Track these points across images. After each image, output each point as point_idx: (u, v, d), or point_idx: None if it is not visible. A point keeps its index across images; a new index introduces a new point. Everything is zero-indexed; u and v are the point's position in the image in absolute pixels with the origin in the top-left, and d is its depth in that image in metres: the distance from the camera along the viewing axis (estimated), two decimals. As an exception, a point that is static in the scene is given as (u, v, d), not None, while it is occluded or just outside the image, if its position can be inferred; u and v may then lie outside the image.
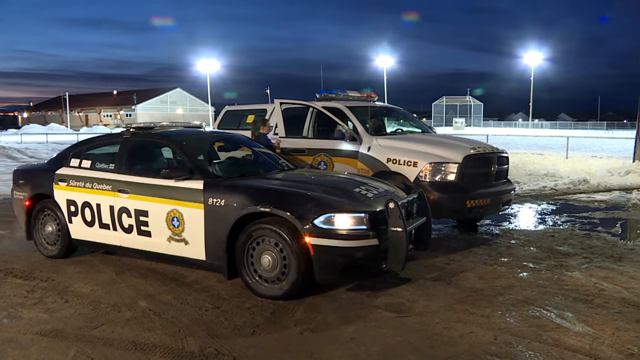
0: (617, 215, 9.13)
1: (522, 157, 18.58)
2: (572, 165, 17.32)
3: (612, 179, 13.58)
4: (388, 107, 9.99)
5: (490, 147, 7.65)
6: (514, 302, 4.70)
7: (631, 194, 11.40)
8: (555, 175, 14.56)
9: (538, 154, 22.82)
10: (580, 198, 11.05)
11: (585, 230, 7.77)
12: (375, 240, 4.66)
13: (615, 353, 3.73)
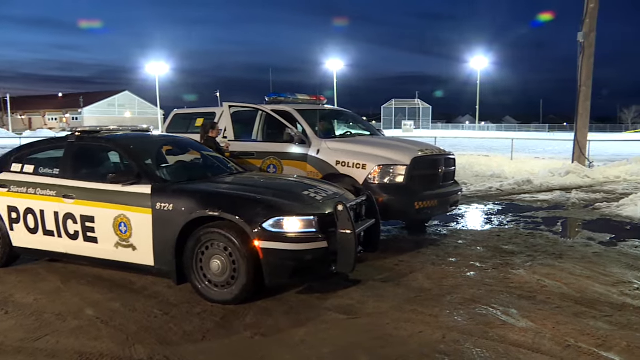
0: (558, 214, 9.49)
1: (469, 159, 19.04)
2: (516, 167, 17.88)
3: (553, 179, 14.10)
4: (337, 110, 10.08)
5: (437, 149, 7.82)
6: (462, 301, 4.83)
7: (571, 194, 11.87)
8: (500, 176, 14.99)
9: (484, 155, 23.46)
10: (524, 198, 11.42)
11: (529, 229, 8.04)
12: (324, 243, 4.71)
13: (555, 346, 3.89)
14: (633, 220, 8.86)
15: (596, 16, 16.06)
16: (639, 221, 8.79)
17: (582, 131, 16.62)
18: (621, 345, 3.91)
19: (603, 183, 14.20)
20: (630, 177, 15.13)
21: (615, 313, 4.54)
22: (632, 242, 7.22)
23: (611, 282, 5.39)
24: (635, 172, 15.52)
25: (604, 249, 6.85)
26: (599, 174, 15.22)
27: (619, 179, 14.98)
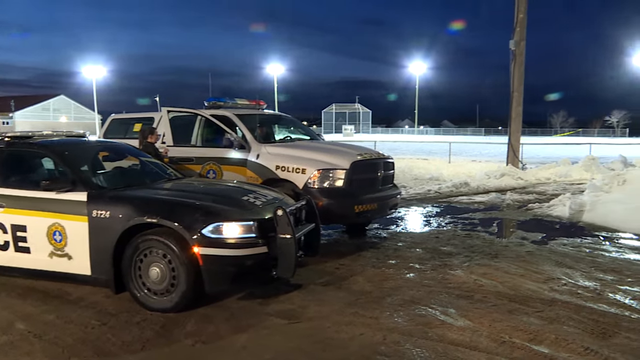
0: (493, 215, 9.81)
1: (408, 162, 19.40)
2: (454, 169, 18.37)
3: (489, 181, 14.59)
4: (277, 114, 10.08)
5: (376, 153, 7.95)
6: (402, 303, 4.92)
7: (505, 195, 12.32)
8: (439, 179, 15.35)
9: (423, 159, 23.98)
10: (461, 200, 11.74)
11: (467, 231, 8.28)
12: (264, 248, 4.70)
13: (491, 342, 4.03)
14: (562, 220, 9.28)
15: (525, 25, 16.79)
16: (567, 220, 9.22)
17: (515, 135, 17.27)
18: (550, 339, 4.09)
19: (535, 184, 14.81)
20: (559, 179, 15.83)
21: (546, 308, 4.74)
22: (561, 240, 7.57)
23: (542, 279, 5.63)
24: (563, 173, 16.26)
25: (536, 247, 7.14)
26: (531, 176, 15.87)
27: (550, 180, 15.66)
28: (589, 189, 11.07)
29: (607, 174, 12.49)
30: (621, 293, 5.22)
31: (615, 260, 6.52)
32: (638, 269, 6.09)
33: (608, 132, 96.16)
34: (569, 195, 10.75)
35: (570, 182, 15.17)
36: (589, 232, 8.23)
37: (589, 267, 6.15)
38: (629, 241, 7.63)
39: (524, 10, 16.68)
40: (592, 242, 7.48)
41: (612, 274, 5.86)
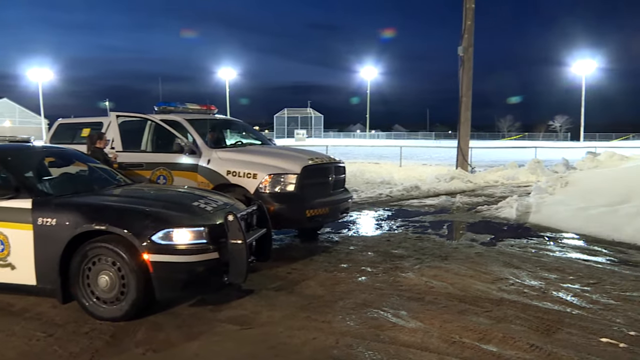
0: (444, 218, 10.01)
1: (360, 166, 19.55)
2: (405, 173, 18.64)
3: (439, 184, 14.86)
4: (228, 119, 10.02)
5: (328, 157, 7.99)
6: (354, 306, 4.96)
7: (455, 198, 12.58)
8: (390, 182, 15.55)
9: (375, 163, 24.23)
10: (412, 203, 11.93)
11: (417, 233, 8.41)
12: (215, 254, 4.66)
13: (442, 343, 4.11)
14: (509, 221, 9.55)
15: (473, 33, 17.24)
16: (514, 222, 9.50)
17: (465, 139, 17.67)
18: (498, 337, 4.20)
19: (484, 187, 15.18)
20: (507, 181, 16.29)
21: (494, 308, 4.87)
22: (509, 241, 7.79)
23: (491, 280, 5.77)
24: (511, 176, 16.74)
25: (485, 249, 7.32)
26: (480, 179, 16.26)
27: (497, 183, 16.09)
28: (534, 191, 11.43)
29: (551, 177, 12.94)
30: (564, 291, 5.41)
31: (558, 259, 6.75)
32: (579, 267, 6.32)
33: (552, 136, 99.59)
34: (515, 197, 11.09)
35: (517, 185, 15.63)
36: (534, 233, 8.49)
37: (535, 266, 6.35)
38: (571, 241, 7.92)
39: (472, 18, 17.14)
40: (538, 243, 7.72)
41: (556, 273, 6.07)
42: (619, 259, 6.79)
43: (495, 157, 28.42)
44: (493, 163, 22.63)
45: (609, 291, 5.41)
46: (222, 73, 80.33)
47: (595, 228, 8.30)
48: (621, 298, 5.19)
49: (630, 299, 5.18)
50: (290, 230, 8.24)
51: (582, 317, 4.68)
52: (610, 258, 6.83)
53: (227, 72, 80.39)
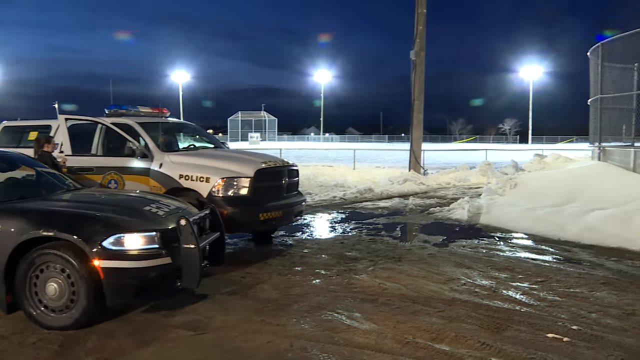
0: (397, 220, 10.14)
1: (313, 169, 19.62)
2: (359, 176, 18.78)
3: (392, 187, 15.05)
4: (180, 122, 9.92)
5: (281, 160, 8.00)
6: (308, 309, 4.97)
7: (408, 200, 12.77)
8: (344, 185, 15.63)
9: (328, 166, 24.33)
10: (366, 206, 12.03)
11: (371, 235, 8.50)
12: (168, 259, 4.60)
13: (396, 344, 4.17)
14: (461, 222, 9.76)
15: (424, 37, 17.57)
16: (466, 223, 9.70)
17: (417, 141, 17.96)
18: (451, 337, 4.29)
19: (436, 189, 15.45)
20: (459, 183, 16.63)
21: (447, 308, 4.97)
22: (460, 242, 7.95)
23: (443, 280, 5.89)
24: (462, 178, 17.09)
25: (437, 250, 7.46)
26: (433, 181, 16.55)
27: (450, 184, 16.40)
28: (485, 193, 11.72)
29: (501, 178, 13.29)
30: (513, 289, 5.56)
31: (508, 259, 6.94)
32: (528, 266, 6.52)
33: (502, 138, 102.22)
34: (467, 199, 11.34)
35: (468, 186, 15.97)
36: (485, 234, 8.70)
37: (486, 266, 6.51)
38: (520, 240, 8.16)
39: (423, 23, 17.46)
40: (489, 243, 7.92)
41: (506, 272, 6.24)
42: (564, 257, 7.03)
43: (447, 160, 28.98)
44: (445, 165, 23.07)
45: (554, 288, 5.59)
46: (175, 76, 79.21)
47: (542, 228, 8.57)
48: (566, 294, 5.38)
49: (574, 295, 5.38)
50: (244, 234, 8.20)
51: (530, 314, 4.82)
52: (556, 256, 7.07)
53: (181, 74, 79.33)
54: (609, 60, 14.21)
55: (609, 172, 12.28)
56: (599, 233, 7.89)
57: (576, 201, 9.94)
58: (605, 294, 5.40)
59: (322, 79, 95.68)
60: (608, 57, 14.19)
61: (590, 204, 9.45)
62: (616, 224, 8.02)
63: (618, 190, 10.21)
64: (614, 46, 13.78)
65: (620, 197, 9.55)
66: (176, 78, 78.36)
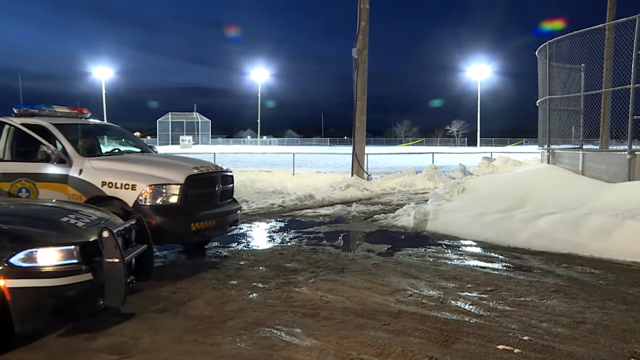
0: (339, 228, 10.22)
1: (250, 175, 19.54)
2: (298, 182, 18.83)
3: (334, 193, 15.17)
4: (103, 124, 9.70)
5: (214, 166, 7.94)
6: (245, 325, 4.94)
7: (351, 207, 12.90)
8: (282, 192, 15.63)
9: (266, 171, 24.28)
10: (306, 213, 12.08)
11: (312, 245, 8.53)
12: (89, 275, 4.48)
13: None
14: (407, 230, 9.93)
15: (367, 34, 17.82)
16: (412, 230, 9.89)
17: (360, 145, 18.18)
18: (397, 351, 4.36)
19: (381, 195, 15.67)
20: (404, 188, 16.93)
21: (393, 321, 5.04)
22: (406, 250, 8.09)
23: (389, 292, 5.97)
24: (408, 183, 17.41)
25: (382, 259, 7.56)
26: (377, 186, 16.78)
27: (395, 190, 16.68)
28: (431, 198, 11.99)
29: (448, 183, 13.63)
30: (462, 300, 5.71)
31: (457, 267, 7.11)
32: (477, 275, 6.70)
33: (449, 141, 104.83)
34: (413, 205, 11.55)
35: (414, 192, 16.27)
36: (432, 241, 8.89)
37: (433, 276, 6.65)
38: (469, 248, 8.38)
39: (366, 19, 17.70)
40: (436, 251, 8.09)
41: (454, 282, 6.39)
42: (514, 264, 7.27)
43: (392, 164, 29.45)
44: (390, 170, 23.44)
45: (505, 297, 5.77)
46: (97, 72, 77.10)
47: (492, 234, 8.84)
48: (516, 304, 5.56)
49: (524, 304, 5.56)
50: (175, 246, 8.09)
51: (480, 325, 4.96)
52: (506, 264, 7.30)
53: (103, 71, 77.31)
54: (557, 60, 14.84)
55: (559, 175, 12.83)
56: (549, 239, 8.21)
57: (526, 206, 10.31)
58: (556, 302, 5.62)
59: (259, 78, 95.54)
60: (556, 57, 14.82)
61: (540, 208, 9.82)
62: (566, 229, 8.37)
63: (568, 194, 10.69)
64: (562, 46, 14.42)
65: (570, 201, 9.99)
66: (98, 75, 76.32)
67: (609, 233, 7.93)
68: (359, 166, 18.07)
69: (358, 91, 17.84)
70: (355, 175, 17.67)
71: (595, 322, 5.02)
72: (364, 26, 17.67)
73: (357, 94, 17.85)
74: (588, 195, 10.22)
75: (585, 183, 11.50)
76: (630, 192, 9.69)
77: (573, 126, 14.76)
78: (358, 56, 17.61)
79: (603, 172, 11.82)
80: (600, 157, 12.57)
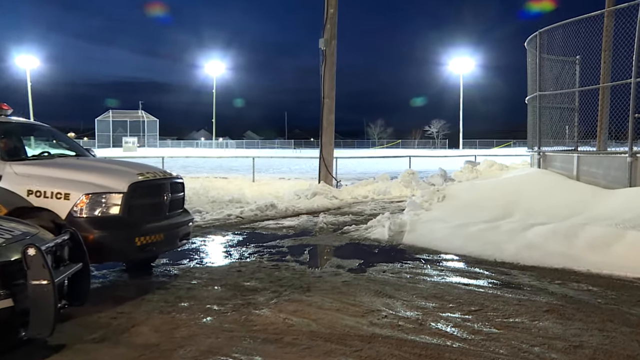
0: (305, 242, 10.19)
1: (204, 182, 19.43)
2: (259, 189, 18.81)
3: (299, 202, 15.16)
4: (29, 123, 9.52)
5: (162, 172, 7.83)
6: (197, 354, 4.87)
7: (318, 218, 12.89)
8: (241, 201, 15.57)
9: (222, 177, 24.23)
10: (268, 225, 12.03)
11: (274, 261, 8.48)
12: (8, 301, 4.33)
13: (304, 394, 4.14)
14: (381, 243, 9.95)
15: (336, 22, 17.82)
16: (386, 243, 9.91)
17: (328, 147, 18.19)
18: (371, 382, 4.32)
19: (351, 204, 15.71)
20: (378, 196, 17.00)
21: (365, 346, 5.00)
22: (380, 266, 8.09)
23: (361, 313, 5.94)
24: (382, 190, 17.48)
25: (353, 276, 7.54)
26: (347, 194, 16.81)
27: (367, 198, 16.74)
28: (408, 207, 12.04)
29: (427, 190, 13.72)
30: (443, 321, 5.70)
31: (437, 285, 7.12)
32: (460, 293, 6.71)
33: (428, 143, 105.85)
34: (387, 215, 11.57)
35: (389, 200, 16.35)
36: (409, 256, 8.90)
37: (410, 294, 6.64)
38: (450, 263, 8.42)
39: (335, 5, 17.72)
40: (413, 267, 8.10)
41: (434, 301, 6.39)
42: (501, 281, 7.31)
43: (364, 169, 29.60)
44: (362, 175, 23.54)
45: (491, 319, 5.78)
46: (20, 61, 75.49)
47: (476, 247, 8.89)
48: (504, 326, 5.57)
49: (514, 325, 5.58)
50: (116, 264, 7.96)
51: (464, 350, 4.95)
52: (492, 281, 7.34)
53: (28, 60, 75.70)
54: (549, 52, 14.92)
55: (551, 180, 13.01)
56: (541, 252, 8.28)
57: (514, 215, 10.41)
58: (549, 324, 5.65)
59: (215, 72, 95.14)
60: (548, 48, 14.88)
61: (530, 218, 9.93)
62: (559, 240, 8.46)
63: (561, 201, 10.83)
64: (554, 35, 14.41)
65: (564, 210, 10.12)
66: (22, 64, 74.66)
67: (608, 245, 8.03)
68: (327, 172, 18.07)
69: (326, 87, 17.85)
70: (322, 182, 17.68)
71: (595, 347, 5.05)
72: (332, 14, 17.70)
73: (325, 90, 17.86)
74: (584, 203, 10.37)
75: (581, 189, 11.67)
76: (632, 200, 9.82)
77: (567, 126, 14.91)
78: (326, 47, 17.62)
79: (600, 176, 11.95)
80: (597, 160, 12.69)
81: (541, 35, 14.68)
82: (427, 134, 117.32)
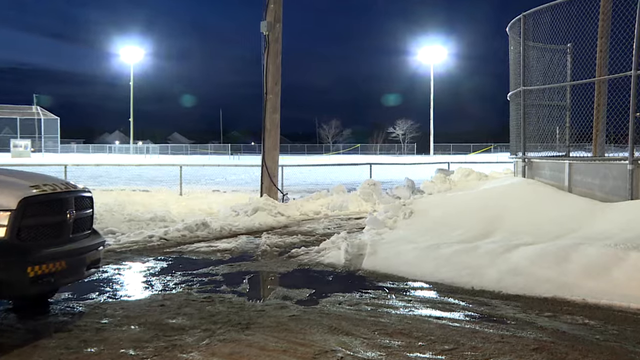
0: (244, 268, 10.15)
1: (119, 196, 19.24)
2: (188, 205, 18.68)
3: (238, 219, 15.12)
4: None
5: (64, 183, 7.67)
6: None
7: (260, 239, 12.86)
8: (165, 219, 15.44)
9: (143, 190, 24.01)
10: (199, 248, 11.94)
11: (206, 293, 8.40)
12: None
13: None
14: (336, 269, 9.96)
15: (282, 2, 17.77)
16: (342, 269, 9.92)
17: (272, 153, 18.17)
18: None
19: (301, 222, 15.75)
20: (332, 212, 17.06)
21: (317, 397, 4.98)
22: (335, 297, 8.10)
23: (311, 354, 5.92)
24: (337, 205, 17.54)
25: (303, 309, 7.52)
26: (296, 210, 16.83)
27: (319, 214, 16.80)
28: (369, 225, 12.09)
29: (391, 205, 13.82)
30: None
31: (403, 319, 7.14)
32: (430, 329, 6.74)
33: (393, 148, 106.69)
34: (344, 234, 11.61)
35: (346, 217, 16.43)
36: (370, 284, 8.94)
37: (371, 331, 6.64)
38: (419, 292, 8.46)
39: (280, -21, 17.71)
40: (375, 297, 8.12)
41: (400, 338, 6.39)
42: (480, 313, 7.37)
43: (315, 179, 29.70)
44: (313, 187, 23.60)
45: (468, 359, 5.81)
46: None
47: (449, 273, 8.95)
48: (484, 367, 5.61)
49: (496, 367, 5.62)
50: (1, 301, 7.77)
51: (435, 398, 4.95)
52: (469, 313, 7.39)
53: None
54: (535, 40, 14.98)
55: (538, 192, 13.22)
56: (527, 278, 8.36)
57: (495, 234, 10.53)
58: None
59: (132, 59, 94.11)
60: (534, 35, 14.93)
61: (514, 237, 10.05)
62: (549, 264, 8.55)
63: (550, 217, 10.99)
64: (542, 19, 14.38)
65: (554, 227, 10.27)
66: None
67: (607, 269, 8.10)
68: (270, 182, 18.04)
69: (269, 81, 17.84)
70: (265, 195, 17.64)
71: (591, 392, 5.12)
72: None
73: (268, 84, 17.85)
74: (577, 219, 10.52)
75: (574, 202, 11.84)
76: (634, 215, 9.94)
77: (557, 127, 15.03)
78: (269, 32, 17.61)
79: (597, 187, 12.06)
80: (593, 168, 12.74)
81: (526, 19, 14.71)
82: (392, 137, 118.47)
